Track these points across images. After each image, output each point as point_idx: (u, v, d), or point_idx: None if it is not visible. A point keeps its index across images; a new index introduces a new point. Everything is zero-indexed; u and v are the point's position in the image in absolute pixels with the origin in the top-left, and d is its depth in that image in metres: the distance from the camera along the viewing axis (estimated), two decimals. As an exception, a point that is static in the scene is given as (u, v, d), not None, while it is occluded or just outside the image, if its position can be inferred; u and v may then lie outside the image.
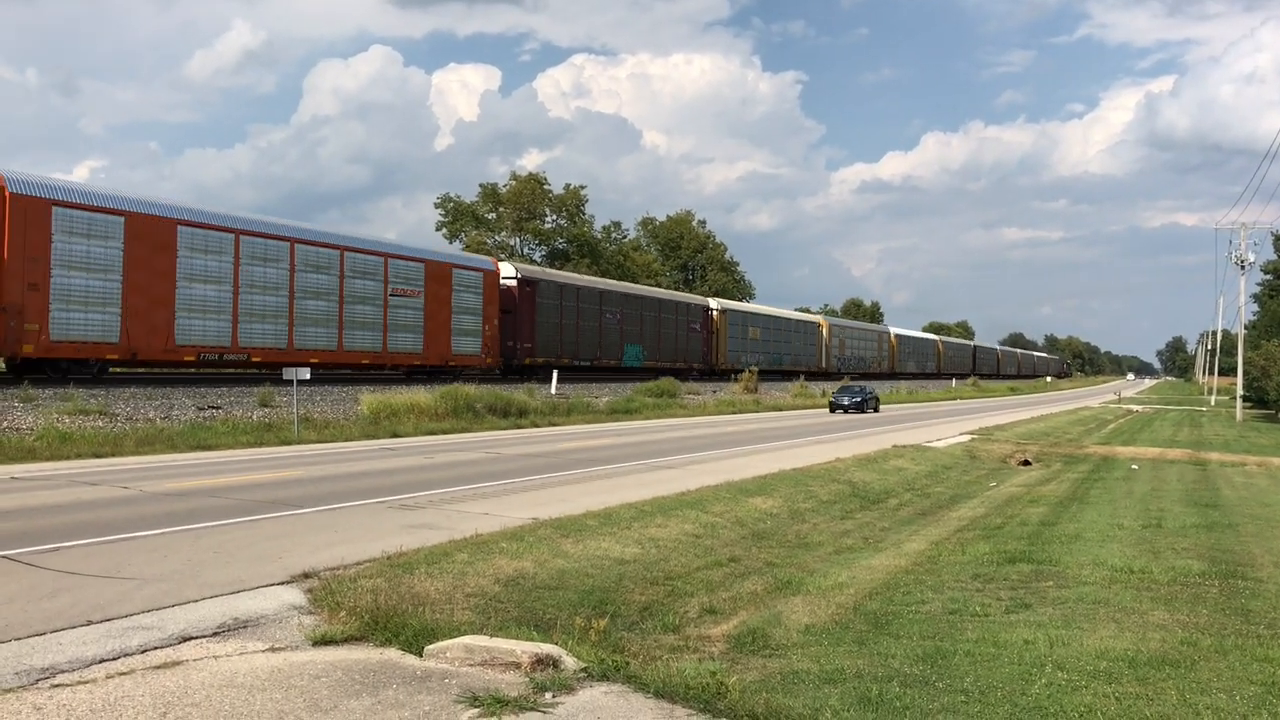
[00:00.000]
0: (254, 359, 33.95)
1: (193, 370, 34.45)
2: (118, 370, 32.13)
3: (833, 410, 48.26)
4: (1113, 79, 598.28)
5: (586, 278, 64.09)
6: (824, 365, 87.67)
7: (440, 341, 41.97)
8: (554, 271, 62.27)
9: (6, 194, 26.04)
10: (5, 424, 20.60)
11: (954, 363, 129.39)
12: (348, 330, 37.12)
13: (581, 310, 53.34)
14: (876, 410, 50.18)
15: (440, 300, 41.77)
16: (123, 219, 29.31)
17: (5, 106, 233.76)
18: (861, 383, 62.72)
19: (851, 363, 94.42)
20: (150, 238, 29.96)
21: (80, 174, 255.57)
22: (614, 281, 70.14)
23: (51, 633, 7.20)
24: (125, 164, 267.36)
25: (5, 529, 11.19)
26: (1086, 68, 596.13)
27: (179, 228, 31.04)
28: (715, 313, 69.87)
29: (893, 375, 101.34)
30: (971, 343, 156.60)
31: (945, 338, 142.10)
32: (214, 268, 32.07)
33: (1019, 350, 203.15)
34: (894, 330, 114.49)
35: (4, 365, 29.17)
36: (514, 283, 47.88)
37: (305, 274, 35.30)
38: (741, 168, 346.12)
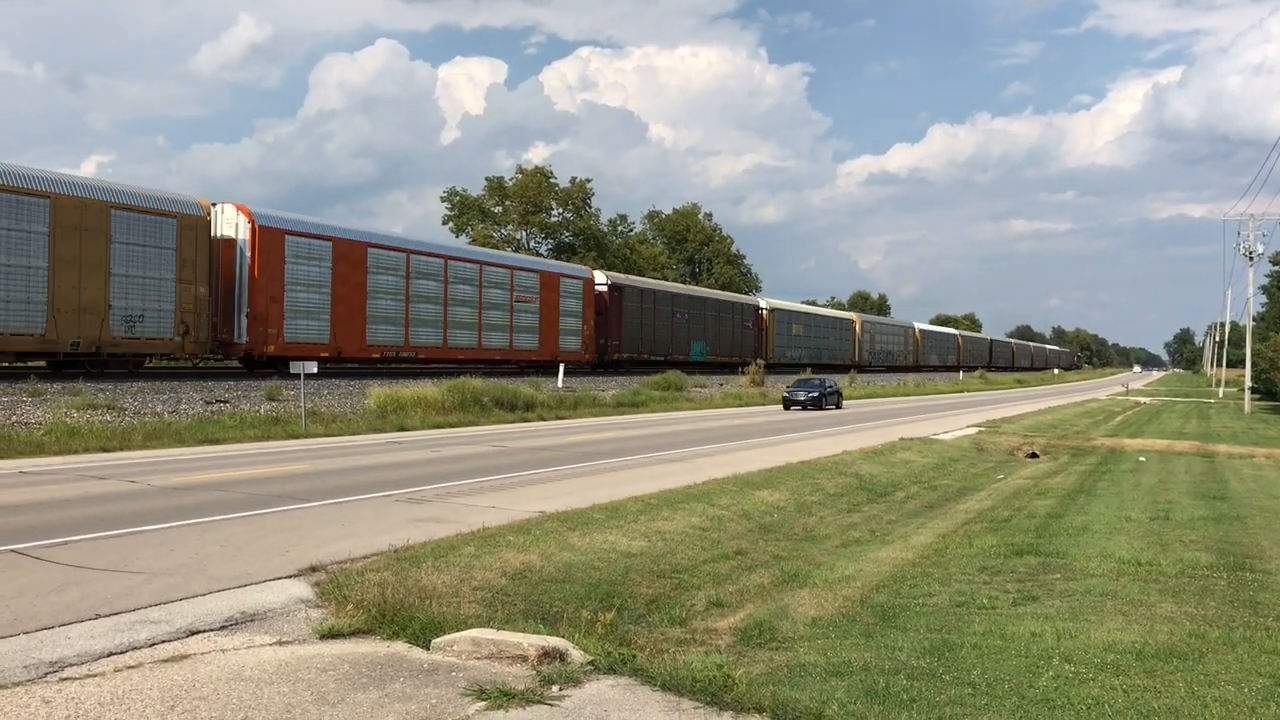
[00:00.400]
0: (420, 356, 41.36)
1: (379, 364, 41.92)
2: (216, 365, 38.44)
3: (787, 407, 41.17)
4: (1120, 70, 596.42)
5: (661, 283, 72.09)
6: (857, 359, 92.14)
7: (551, 340, 49.23)
8: (635, 278, 68.20)
9: (255, 226, 33.45)
10: (14, 418, 20.66)
11: (972, 355, 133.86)
12: (485, 332, 44.72)
13: (658, 312, 60.84)
14: (838, 406, 43.40)
15: (550, 305, 49.22)
16: (330, 244, 36.84)
17: (14, 101, 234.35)
18: (821, 376, 53.65)
19: (881, 356, 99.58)
20: (349, 258, 37.60)
21: (88, 169, 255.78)
22: (682, 285, 78.29)
23: (60, 626, 7.22)
24: (133, 158, 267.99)
25: (14, 523, 11.23)
26: (1094, 59, 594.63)
27: (369, 249, 38.67)
28: (765, 311, 76.65)
29: (917, 368, 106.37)
30: (988, 337, 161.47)
31: (965, 332, 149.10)
32: (392, 283, 39.66)
33: (1031, 344, 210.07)
34: (918, 325, 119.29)
35: (235, 362, 36.90)
36: (605, 288, 55.20)
37: (455, 285, 42.88)
38: (748, 160, 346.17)
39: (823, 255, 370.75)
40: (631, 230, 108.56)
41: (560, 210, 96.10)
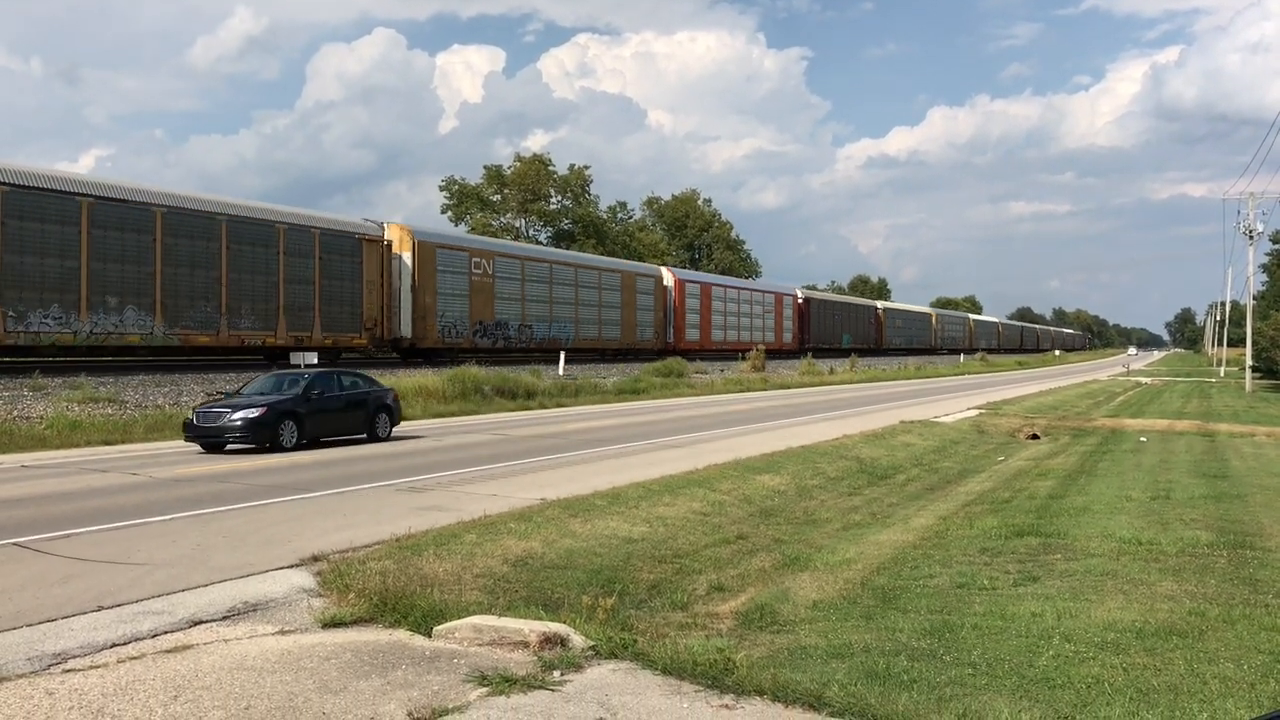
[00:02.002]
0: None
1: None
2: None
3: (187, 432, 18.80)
4: (1119, 50, 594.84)
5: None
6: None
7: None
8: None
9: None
10: (16, 412, 20.69)
11: (984, 337, 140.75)
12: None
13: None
14: (378, 434, 20.76)
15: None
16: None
17: (11, 96, 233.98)
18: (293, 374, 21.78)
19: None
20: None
21: (85, 163, 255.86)
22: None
23: (63, 618, 7.25)
24: (131, 152, 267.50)
25: (17, 516, 11.26)
26: (1093, 39, 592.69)
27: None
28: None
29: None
30: (997, 320, 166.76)
31: (978, 316, 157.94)
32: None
33: (1048, 327, 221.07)
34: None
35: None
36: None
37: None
38: (747, 145, 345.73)
39: (822, 240, 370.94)
40: (631, 217, 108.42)
41: (559, 198, 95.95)
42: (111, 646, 6.64)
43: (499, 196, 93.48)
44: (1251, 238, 63.49)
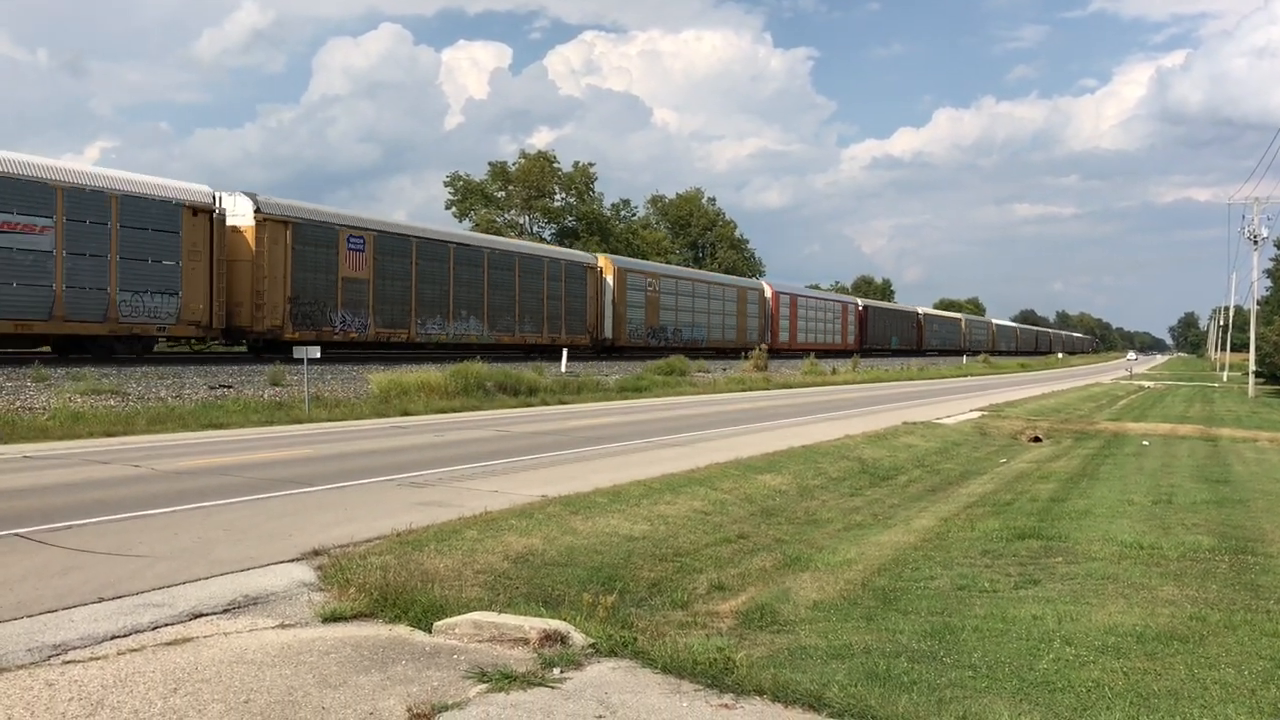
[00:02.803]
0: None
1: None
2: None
3: None
4: (1126, 54, 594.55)
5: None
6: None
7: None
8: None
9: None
10: (19, 403, 20.71)
11: (1004, 340, 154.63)
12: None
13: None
14: None
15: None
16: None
17: (17, 88, 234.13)
18: None
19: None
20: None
21: (91, 155, 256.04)
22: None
23: (63, 610, 7.25)
24: (136, 144, 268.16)
25: (18, 507, 11.27)
26: (1100, 42, 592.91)
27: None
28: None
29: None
30: (1016, 325, 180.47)
31: (1000, 321, 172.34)
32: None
33: (1060, 331, 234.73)
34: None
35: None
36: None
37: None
38: (752, 145, 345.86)
39: (826, 239, 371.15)
40: (635, 215, 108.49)
41: (563, 195, 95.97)
42: (112, 638, 6.64)
43: (503, 193, 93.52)
44: (1256, 243, 63.39)
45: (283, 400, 24.82)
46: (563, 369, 39.71)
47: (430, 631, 6.99)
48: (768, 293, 76.36)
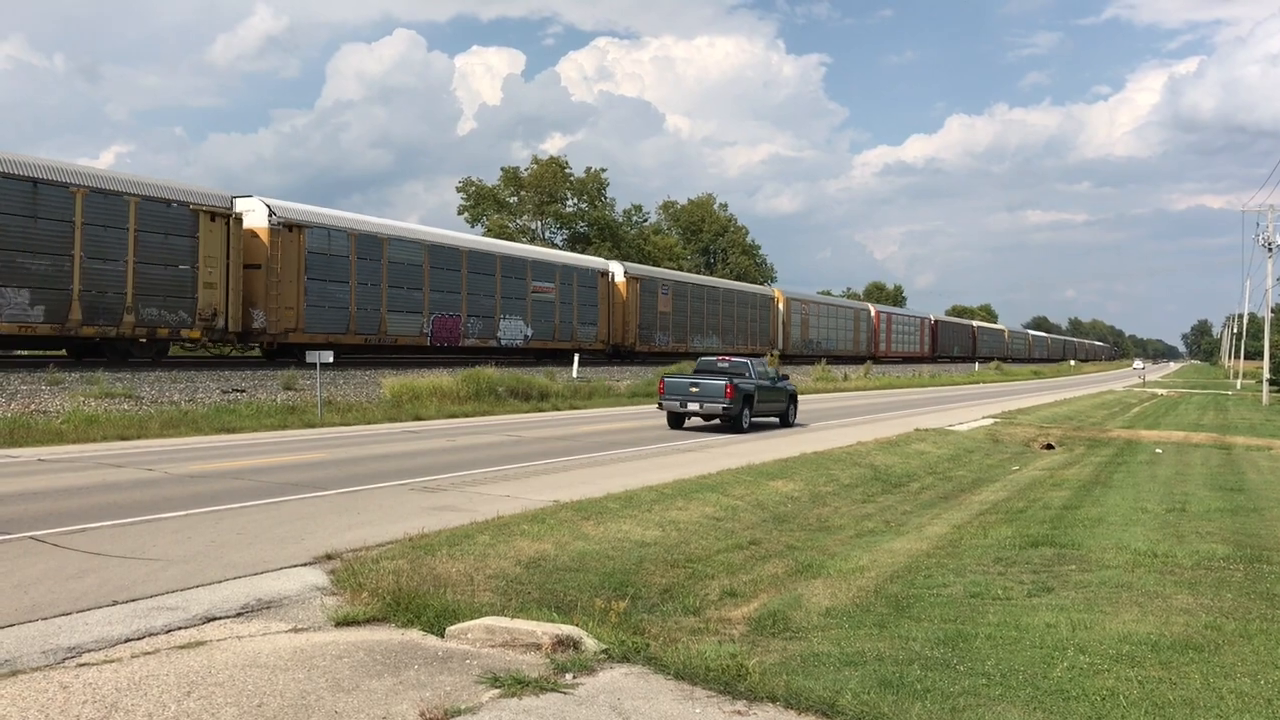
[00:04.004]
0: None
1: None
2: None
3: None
4: (1140, 61, 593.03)
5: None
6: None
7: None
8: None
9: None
10: (33, 407, 20.81)
11: (1039, 349, 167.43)
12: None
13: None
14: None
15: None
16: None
17: (34, 92, 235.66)
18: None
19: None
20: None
21: (106, 159, 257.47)
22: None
23: (78, 612, 7.28)
24: (150, 148, 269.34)
25: (33, 510, 11.32)
26: (1113, 49, 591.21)
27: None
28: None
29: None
30: (1047, 335, 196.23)
31: (1035, 331, 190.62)
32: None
33: (1085, 340, 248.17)
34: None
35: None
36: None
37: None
38: (764, 150, 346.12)
39: (838, 245, 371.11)
40: (646, 220, 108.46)
41: (575, 200, 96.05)
42: (126, 641, 6.67)
43: (515, 198, 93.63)
44: (1270, 250, 63.07)
45: (295, 404, 24.89)
46: (574, 374, 39.72)
47: (442, 636, 7.00)
48: (871, 312, 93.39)
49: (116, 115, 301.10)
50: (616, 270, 53.79)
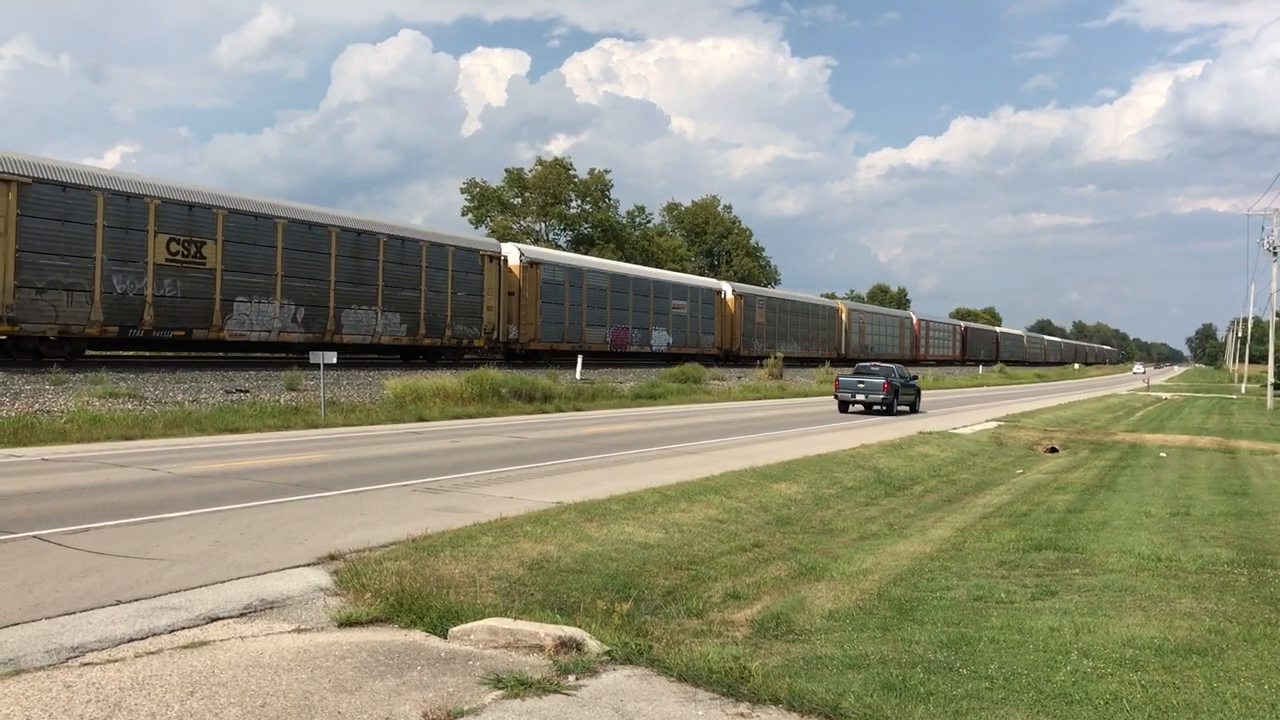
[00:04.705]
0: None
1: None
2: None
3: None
4: (1145, 64, 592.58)
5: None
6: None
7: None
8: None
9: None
10: (37, 406, 20.84)
11: (1054, 353, 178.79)
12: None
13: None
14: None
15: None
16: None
17: (40, 93, 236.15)
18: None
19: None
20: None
21: (111, 159, 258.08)
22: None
23: (81, 612, 7.29)
24: (156, 149, 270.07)
25: (37, 509, 11.33)
26: (1119, 52, 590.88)
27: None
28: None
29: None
30: (1060, 339, 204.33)
31: (1050, 337, 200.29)
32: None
33: (1095, 344, 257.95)
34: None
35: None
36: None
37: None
38: (769, 153, 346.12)
39: (842, 248, 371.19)
40: (650, 222, 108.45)
41: (579, 202, 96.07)
42: (129, 641, 6.67)
43: (519, 200, 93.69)
44: (1275, 254, 63.00)
45: (299, 405, 24.91)
46: (578, 376, 39.74)
47: (445, 637, 7.00)
48: (914, 320, 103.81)
49: (122, 116, 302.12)
50: (727, 289, 66.36)
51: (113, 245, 27.12)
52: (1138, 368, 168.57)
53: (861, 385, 35.29)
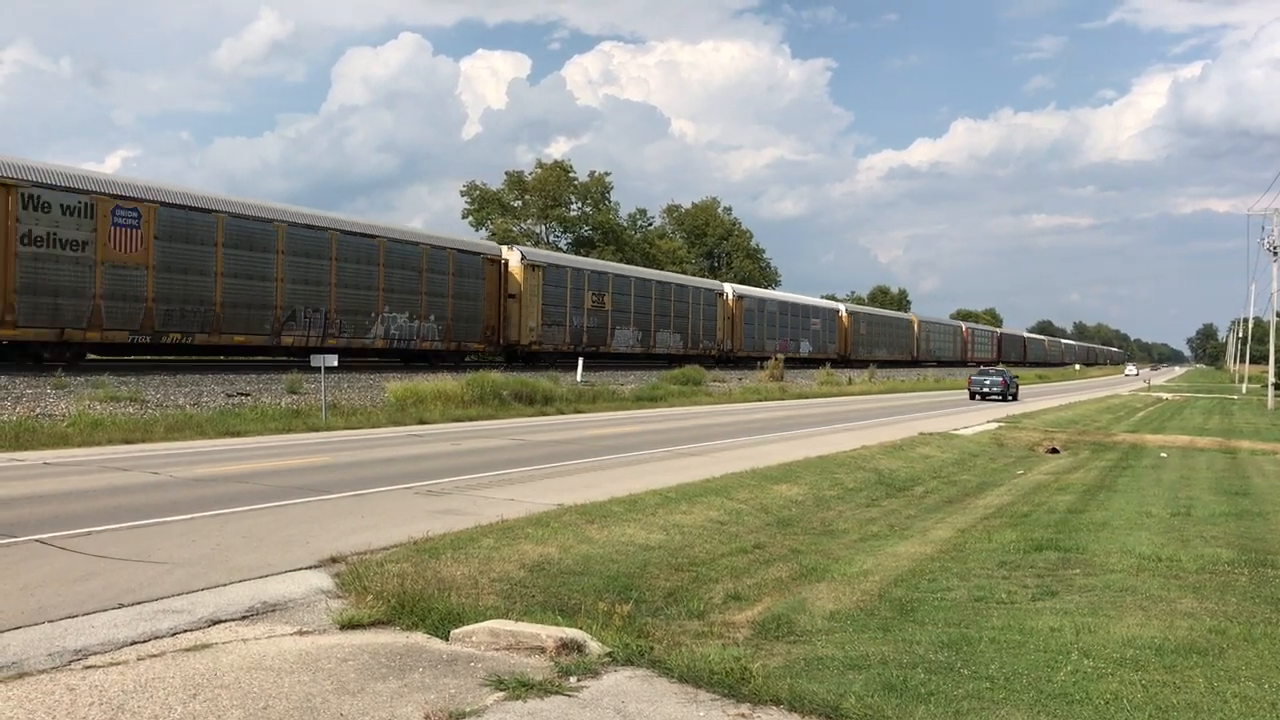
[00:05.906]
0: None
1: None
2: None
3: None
4: (1145, 65, 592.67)
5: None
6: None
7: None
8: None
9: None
10: (39, 410, 20.86)
11: (1068, 355, 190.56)
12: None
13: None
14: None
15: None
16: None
17: (40, 96, 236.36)
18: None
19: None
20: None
21: (112, 163, 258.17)
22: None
23: (84, 615, 7.30)
24: (156, 153, 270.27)
25: (39, 513, 11.35)
26: (1119, 53, 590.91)
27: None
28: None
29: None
30: (1075, 342, 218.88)
31: (1066, 340, 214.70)
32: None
33: (1102, 346, 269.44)
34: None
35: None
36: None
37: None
38: (769, 154, 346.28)
39: (842, 249, 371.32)
40: (650, 224, 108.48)
41: (579, 204, 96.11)
42: (132, 644, 6.69)
43: (520, 202, 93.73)
44: (1276, 254, 62.98)
45: (300, 408, 24.92)
46: (579, 378, 39.75)
47: (447, 639, 7.01)
48: (964, 330, 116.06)
49: (123, 120, 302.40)
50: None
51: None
52: (1130, 369, 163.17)
53: (987, 382, 53.76)
